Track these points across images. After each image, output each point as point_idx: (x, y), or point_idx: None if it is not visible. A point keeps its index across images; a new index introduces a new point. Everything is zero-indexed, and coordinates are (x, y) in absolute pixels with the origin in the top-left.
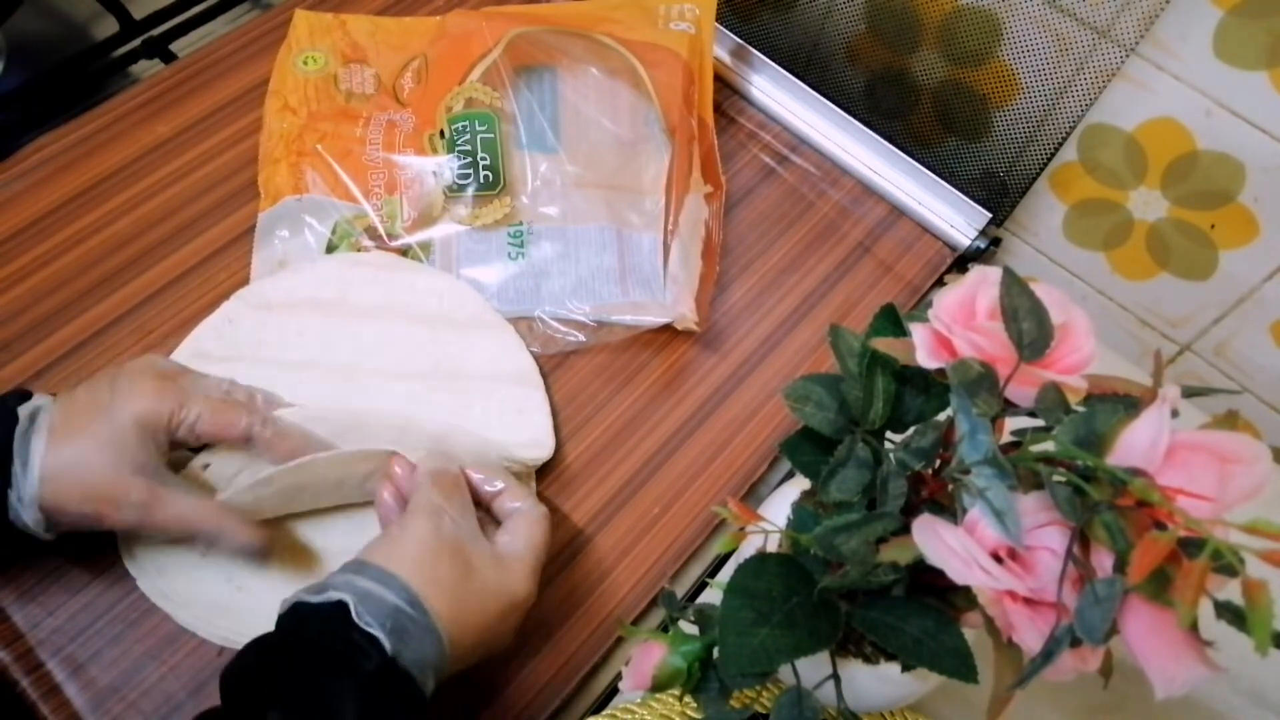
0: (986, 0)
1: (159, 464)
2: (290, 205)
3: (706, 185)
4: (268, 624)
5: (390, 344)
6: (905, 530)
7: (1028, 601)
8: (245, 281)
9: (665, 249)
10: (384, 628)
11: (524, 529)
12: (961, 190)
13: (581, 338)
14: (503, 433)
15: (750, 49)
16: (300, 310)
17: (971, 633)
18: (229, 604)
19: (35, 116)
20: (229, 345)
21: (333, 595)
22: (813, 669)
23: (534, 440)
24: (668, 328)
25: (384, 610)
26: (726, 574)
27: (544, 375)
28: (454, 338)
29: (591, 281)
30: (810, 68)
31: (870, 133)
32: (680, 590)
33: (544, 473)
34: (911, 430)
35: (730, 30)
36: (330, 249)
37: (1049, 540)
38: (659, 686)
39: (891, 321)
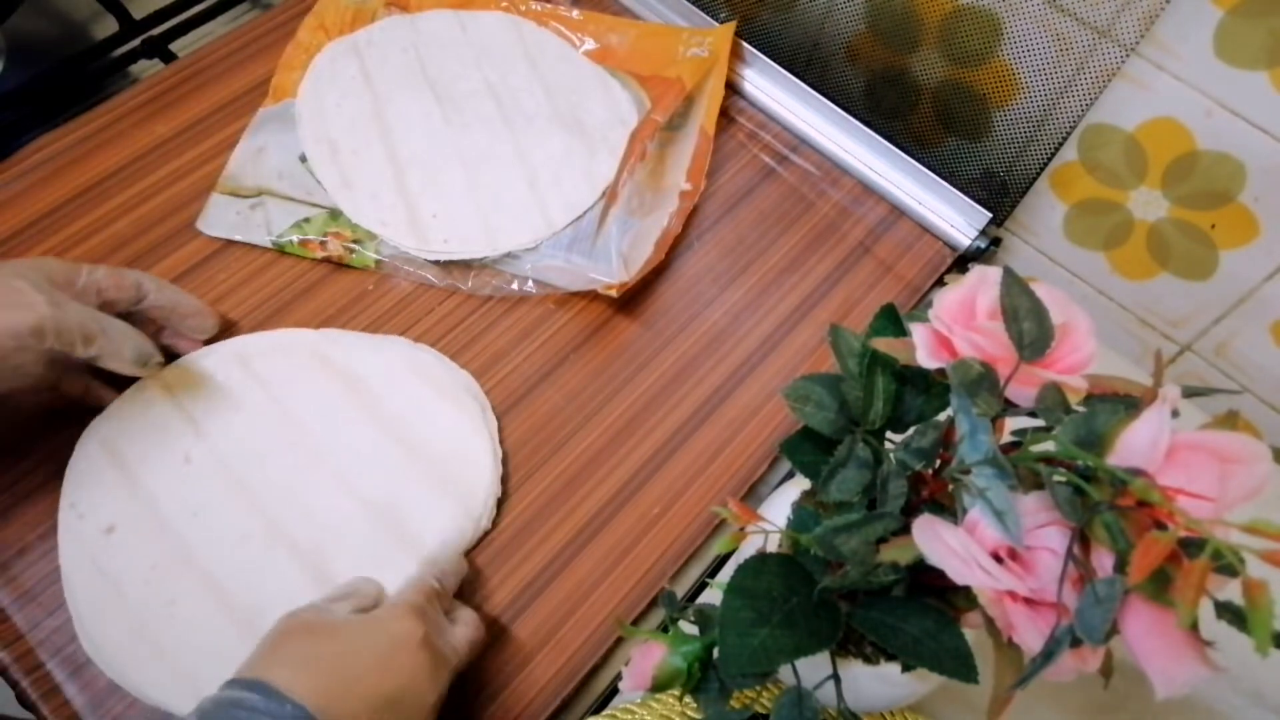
0: (986, 0)
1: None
2: (288, 106)
3: (687, 183)
4: None
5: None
6: (905, 530)
7: (1028, 601)
8: (246, 272)
9: (603, 213)
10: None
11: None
12: (962, 190)
13: (517, 289)
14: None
15: (750, 49)
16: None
17: (972, 633)
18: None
19: (35, 116)
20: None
21: None
22: (813, 669)
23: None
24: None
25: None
26: (726, 574)
27: (543, 375)
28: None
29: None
30: (810, 68)
31: (870, 133)
32: (680, 590)
33: (546, 474)
34: (911, 430)
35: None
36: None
37: (1049, 540)
38: (659, 686)
39: (891, 321)
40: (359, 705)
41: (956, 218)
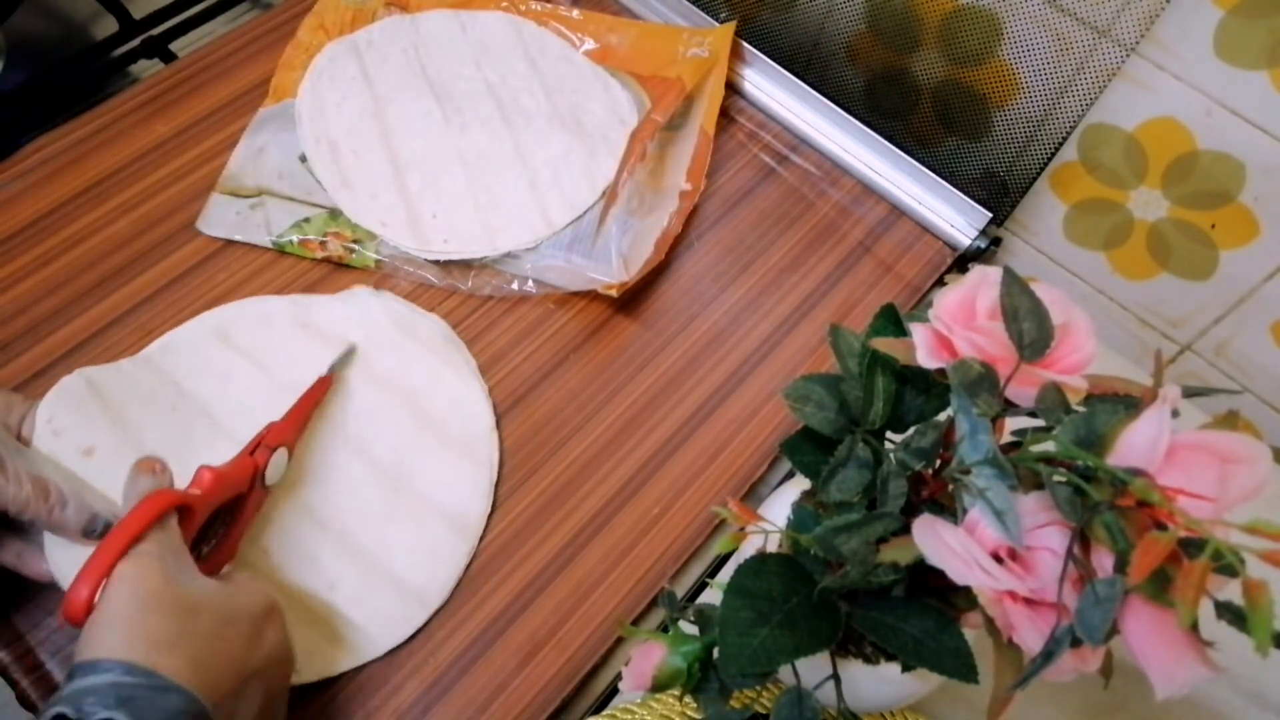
0: (986, 0)
1: None
2: (288, 106)
3: (687, 183)
4: None
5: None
6: (905, 530)
7: (1028, 602)
8: (246, 272)
9: (603, 213)
10: (109, 704)
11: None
12: (962, 190)
13: (517, 289)
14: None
15: (750, 49)
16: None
17: (972, 633)
18: None
19: (35, 116)
20: None
21: (50, 711)
22: (813, 669)
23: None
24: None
25: (102, 692)
26: (726, 574)
27: (543, 375)
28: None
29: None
30: (810, 68)
31: (870, 133)
32: (680, 590)
33: (546, 474)
34: (912, 430)
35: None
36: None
37: (1049, 540)
38: (659, 687)
39: (892, 321)
40: (235, 682)
41: (956, 218)
